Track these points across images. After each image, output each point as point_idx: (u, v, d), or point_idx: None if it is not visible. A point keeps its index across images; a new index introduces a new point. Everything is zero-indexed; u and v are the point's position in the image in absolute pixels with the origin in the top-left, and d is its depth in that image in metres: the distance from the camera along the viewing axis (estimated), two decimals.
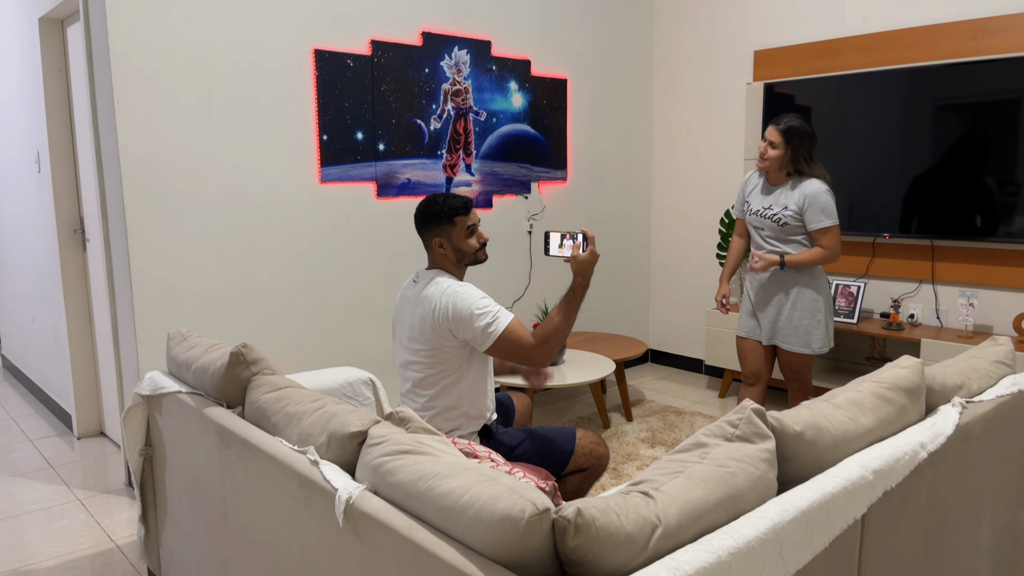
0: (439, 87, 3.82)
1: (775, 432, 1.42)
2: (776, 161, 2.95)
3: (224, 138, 3.15)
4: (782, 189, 2.97)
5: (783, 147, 2.92)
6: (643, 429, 3.81)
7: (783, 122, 2.93)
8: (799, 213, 2.91)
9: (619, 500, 1.16)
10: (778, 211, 2.96)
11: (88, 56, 3.04)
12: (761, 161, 2.98)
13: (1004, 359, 2.06)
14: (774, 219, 2.97)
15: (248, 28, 3.16)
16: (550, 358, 2.15)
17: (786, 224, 2.94)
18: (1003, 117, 3.43)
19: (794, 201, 2.92)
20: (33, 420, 4.14)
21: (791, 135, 2.91)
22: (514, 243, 4.27)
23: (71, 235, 3.77)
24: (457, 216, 2.21)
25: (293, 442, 1.63)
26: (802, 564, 1.24)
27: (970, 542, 1.80)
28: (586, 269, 2.17)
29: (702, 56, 4.70)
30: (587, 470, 2.29)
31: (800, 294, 2.98)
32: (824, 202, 2.88)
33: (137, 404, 2.29)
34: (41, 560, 2.62)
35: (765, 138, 2.97)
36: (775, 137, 2.93)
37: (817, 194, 2.88)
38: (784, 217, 2.94)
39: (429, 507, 1.24)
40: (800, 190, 2.92)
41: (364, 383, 2.64)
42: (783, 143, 2.92)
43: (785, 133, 2.91)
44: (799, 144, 2.91)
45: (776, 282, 3.03)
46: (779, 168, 2.97)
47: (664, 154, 4.98)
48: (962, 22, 3.60)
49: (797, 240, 2.97)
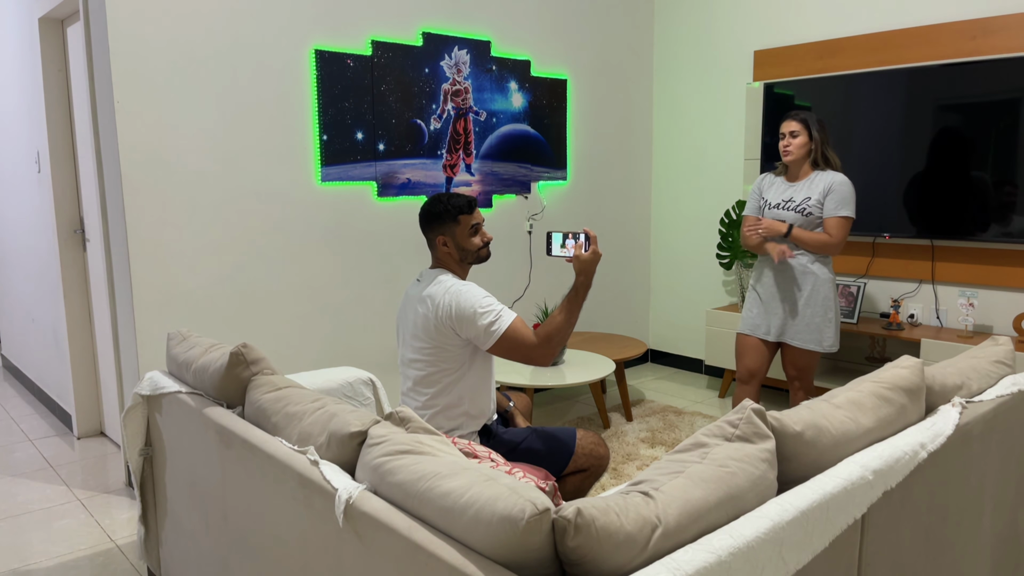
0: (439, 87, 3.82)
1: (775, 432, 1.42)
2: (802, 149, 2.97)
3: (224, 138, 3.15)
4: (805, 181, 3.00)
5: (805, 134, 2.96)
6: (643, 429, 3.81)
7: (798, 114, 2.98)
8: (822, 202, 2.94)
9: (619, 500, 1.16)
10: (801, 202, 2.97)
11: (88, 56, 3.04)
12: (786, 155, 3.00)
13: (1004, 359, 2.05)
14: (798, 210, 2.97)
15: (248, 28, 3.16)
16: (552, 357, 2.15)
17: (811, 214, 2.95)
18: (1003, 117, 3.43)
19: (818, 192, 2.95)
20: (33, 420, 4.14)
21: (810, 123, 2.96)
22: (514, 243, 4.27)
23: (71, 235, 3.77)
24: (461, 215, 2.22)
25: (293, 442, 1.63)
26: (802, 564, 1.24)
27: (970, 542, 1.80)
28: (589, 268, 2.18)
29: (702, 56, 4.70)
30: (587, 470, 2.29)
31: (814, 291, 2.98)
32: (847, 193, 2.92)
33: (137, 404, 2.29)
34: (41, 560, 2.62)
35: (783, 132, 3.00)
36: (795, 127, 2.97)
37: (843, 183, 2.93)
38: (809, 207, 2.96)
39: (429, 507, 1.24)
40: (824, 180, 2.95)
41: (364, 383, 2.64)
42: (804, 130, 2.96)
43: (804, 122, 2.97)
44: (820, 131, 2.97)
45: (789, 277, 3.03)
46: (805, 157, 2.99)
47: (664, 154, 4.98)
48: (962, 22, 3.60)
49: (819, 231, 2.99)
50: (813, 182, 2.97)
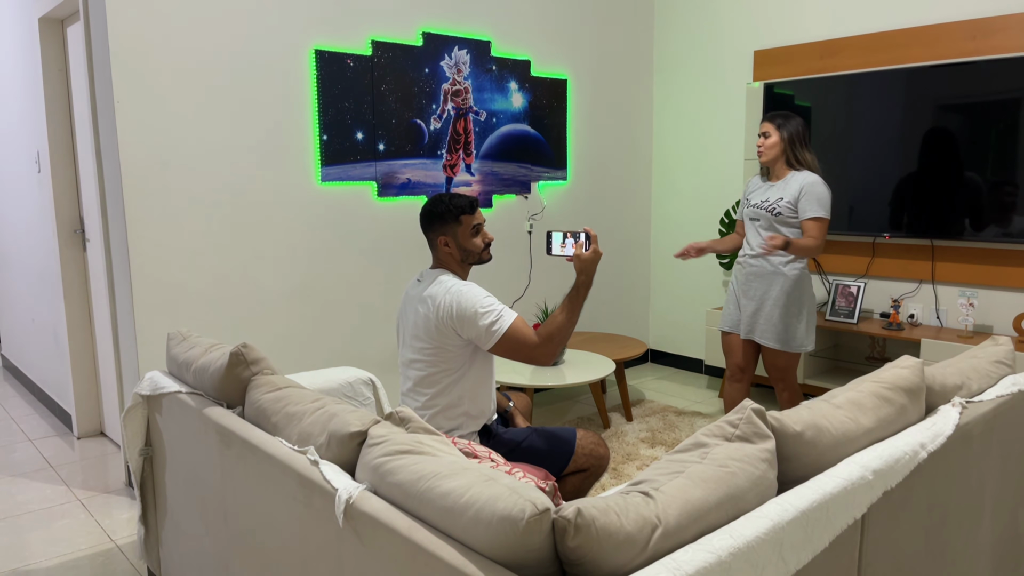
0: (439, 87, 3.82)
1: (775, 432, 1.42)
2: (773, 150, 3.02)
3: (224, 138, 3.15)
4: (781, 183, 3.05)
5: (776, 134, 3.01)
6: (643, 429, 3.81)
7: (773, 115, 3.06)
8: (793, 204, 2.98)
9: (619, 500, 1.16)
10: (773, 202, 3.02)
11: (88, 56, 3.04)
12: (759, 156, 3.07)
13: (1004, 359, 2.06)
14: (768, 209, 3.03)
15: (248, 28, 3.16)
16: (553, 356, 2.15)
17: (780, 214, 3.00)
18: (1003, 117, 3.43)
19: (790, 192, 2.99)
20: (33, 420, 4.14)
21: (781, 122, 3.01)
22: (514, 243, 4.27)
23: (71, 235, 3.77)
24: (463, 215, 2.23)
25: (293, 442, 1.63)
26: (802, 564, 1.24)
27: (970, 542, 1.80)
28: (589, 268, 2.18)
29: (702, 56, 4.70)
30: (587, 470, 2.29)
31: (781, 291, 3.03)
32: (820, 193, 2.95)
33: (137, 404, 2.29)
34: (41, 560, 2.62)
35: (758, 134, 3.08)
36: (766, 127, 3.04)
37: (814, 184, 2.96)
38: (779, 207, 3.00)
39: (429, 507, 1.24)
40: (796, 181, 2.99)
41: (364, 383, 2.64)
42: (775, 130, 3.02)
43: (773, 120, 3.03)
44: (793, 130, 3.01)
45: (762, 276, 3.07)
46: (778, 157, 3.04)
47: (664, 154, 4.98)
48: (962, 22, 3.60)
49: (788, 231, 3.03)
50: (788, 183, 3.01)
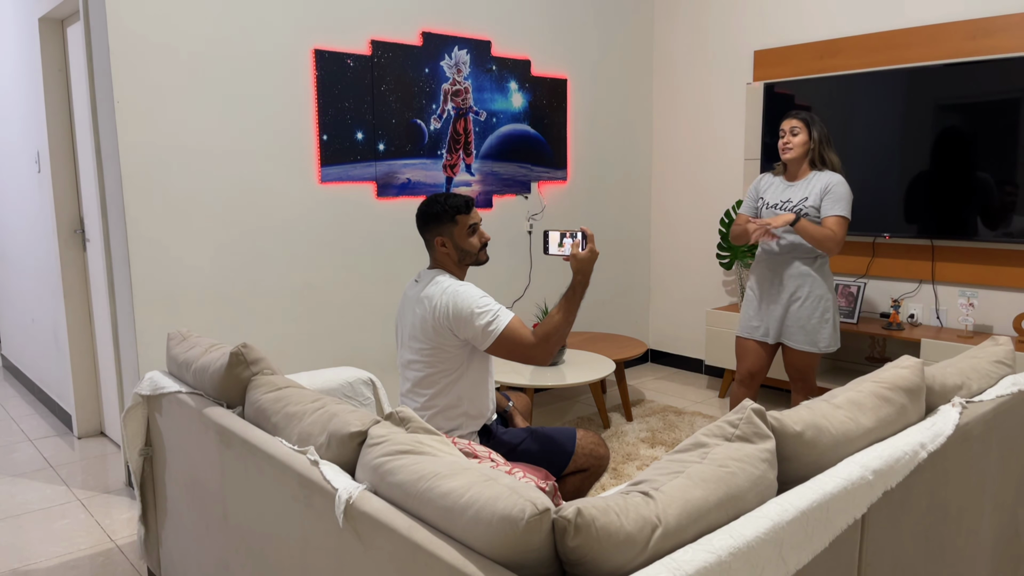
0: (439, 87, 3.82)
1: (775, 432, 1.42)
2: (802, 147, 2.97)
3: (224, 138, 3.15)
4: (803, 182, 2.99)
5: (805, 133, 2.96)
6: (643, 429, 3.81)
7: (799, 112, 2.99)
8: (818, 204, 2.93)
9: (619, 500, 1.16)
10: (798, 203, 2.96)
11: (88, 56, 3.04)
12: (785, 152, 2.99)
13: (1004, 359, 2.06)
14: (795, 211, 2.96)
15: (248, 28, 3.16)
16: (551, 356, 2.15)
17: (807, 215, 2.94)
18: (1003, 117, 3.43)
19: (815, 193, 2.94)
20: (33, 420, 4.14)
21: (811, 122, 2.97)
22: (514, 243, 4.27)
23: (71, 235, 3.77)
24: (459, 215, 2.22)
25: (293, 442, 1.63)
26: (802, 564, 1.24)
27: (970, 542, 1.80)
28: (586, 267, 2.18)
29: (702, 56, 4.70)
30: (587, 470, 2.29)
31: (809, 291, 2.98)
32: (843, 193, 2.91)
33: (137, 404, 2.29)
34: (41, 560, 2.62)
35: (783, 131, 3.00)
36: (796, 124, 2.97)
37: (839, 184, 2.92)
38: (806, 208, 2.94)
39: (429, 507, 1.24)
40: (820, 181, 2.94)
41: (364, 383, 2.64)
42: (805, 129, 2.97)
43: (805, 120, 2.97)
44: (822, 130, 2.97)
45: (784, 278, 3.02)
46: (804, 156, 2.99)
47: (664, 154, 4.98)
48: (962, 22, 3.60)
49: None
50: (811, 183, 2.96)
